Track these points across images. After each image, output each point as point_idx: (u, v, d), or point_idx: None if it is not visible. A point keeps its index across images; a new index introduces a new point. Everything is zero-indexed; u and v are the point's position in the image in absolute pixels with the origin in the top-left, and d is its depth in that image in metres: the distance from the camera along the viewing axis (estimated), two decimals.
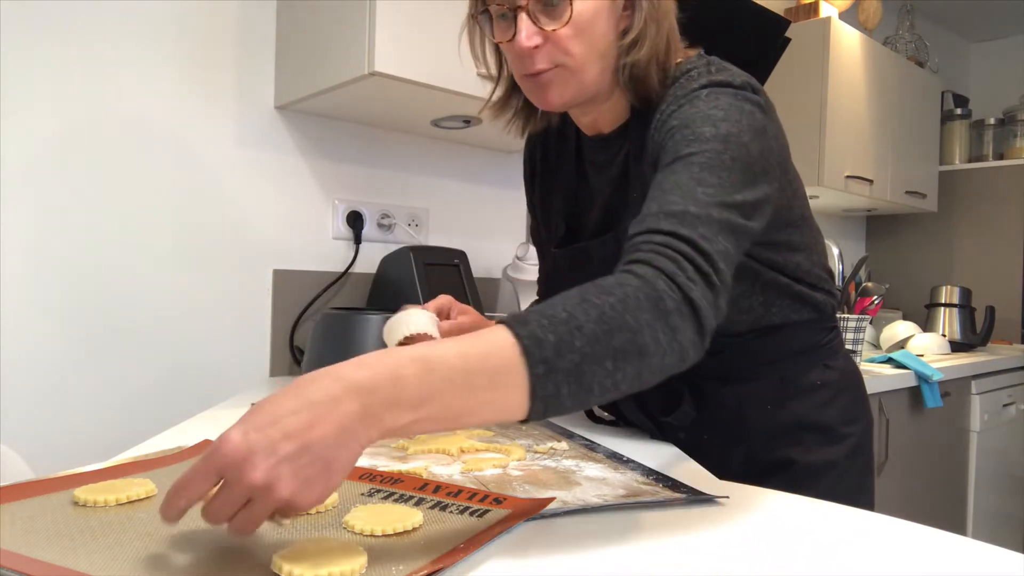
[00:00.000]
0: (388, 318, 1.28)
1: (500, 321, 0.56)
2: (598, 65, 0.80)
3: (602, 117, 0.88)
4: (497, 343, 0.53)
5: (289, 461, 0.46)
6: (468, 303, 1.58)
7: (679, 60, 0.84)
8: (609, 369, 0.56)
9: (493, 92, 0.91)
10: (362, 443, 0.48)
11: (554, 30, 0.77)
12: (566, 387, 0.54)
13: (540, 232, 1.05)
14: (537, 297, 1.15)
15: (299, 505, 0.47)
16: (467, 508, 0.60)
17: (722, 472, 0.82)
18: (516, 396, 0.53)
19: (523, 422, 0.54)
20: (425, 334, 0.84)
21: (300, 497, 0.46)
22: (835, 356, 0.97)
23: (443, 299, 0.96)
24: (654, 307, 0.58)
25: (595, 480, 0.73)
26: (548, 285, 1.01)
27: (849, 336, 2.05)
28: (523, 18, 0.77)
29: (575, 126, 0.95)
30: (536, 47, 0.77)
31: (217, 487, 0.46)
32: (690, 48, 0.86)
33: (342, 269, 1.59)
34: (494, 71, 0.90)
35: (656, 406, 0.94)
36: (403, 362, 0.50)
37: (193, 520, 0.55)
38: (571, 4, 0.76)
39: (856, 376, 0.99)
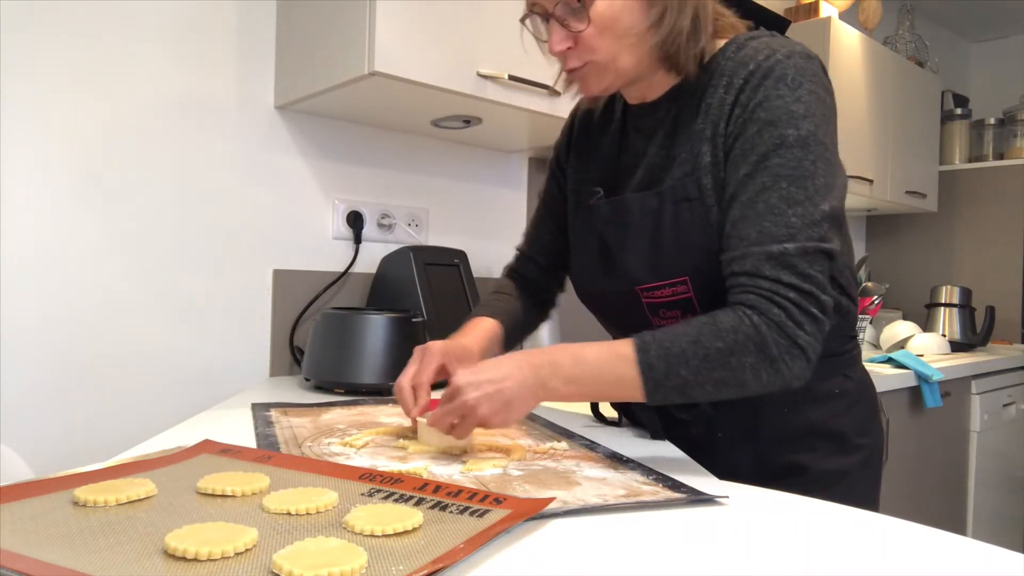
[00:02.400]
0: (393, 317, 1.28)
1: (635, 340, 0.77)
2: (628, 53, 0.84)
3: (649, 88, 0.92)
4: (625, 357, 0.76)
5: (488, 397, 0.76)
6: (468, 303, 1.58)
7: (729, 36, 0.88)
8: (710, 391, 0.76)
9: (561, 71, 0.97)
10: (533, 394, 0.78)
11: (580, 32, 0.83)
12: (673, 395, 0.76)
13: (560, 199, 1.07)
14: (519, 251, 1.15)
15: (490, 424, 0.77)
16: (467, 508, 0.60)
17: (732, 473, 0.82)
18: (636, 394, 0.77)
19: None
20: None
21: (490, 419, 0.77)
22: (853, 366, 0.96)
23: (437, 364, 0.92)
24: (759, 352, 0.74)
25: (595, 480, 0.73)
26: (575, 241, 1.02)
27: None
28: (553, 24, 0.84)
29: (621, 100, 0.99)
30: (567, 48, 0.85)
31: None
32: (735, 17, 0.91)
33: (342, 269, 1.59)
34: None
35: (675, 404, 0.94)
36: (562, 355, 0.78)
37: (193, 520, 0.55)
38: (588, 8, 0.81)
39: (871, 389, 0.99)
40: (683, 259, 0.85)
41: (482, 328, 1.03)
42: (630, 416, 1.04)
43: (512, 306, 1.10)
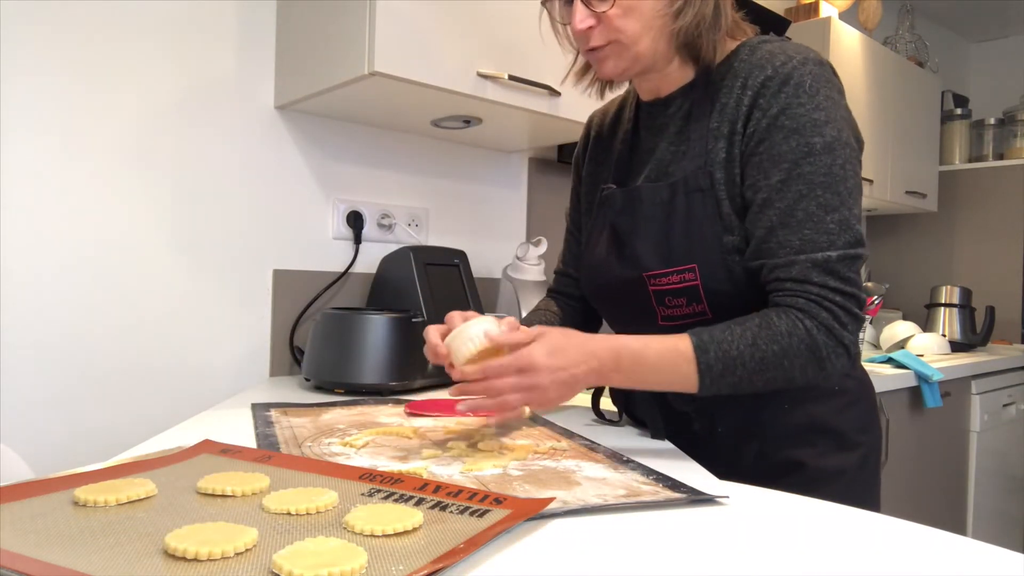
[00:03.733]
0: (393, 317, 1.28)
1: (692, 338, 0.80)
2: (649, 37, 0.87)
3: (663, 82, 0.95)
4: (685, 357, 0.80)
5: (561, 383, 0.79)
6: (468, 303, 1.58)
7: (740, 38, 0.91)
8: (760, 386, 0.82)
9: (574, 63, 1.02)
10: (592, 383, 0.82)
11: (604, 11, 0.86)
12: (725, 390, 0.82)
13: (579, 207, 1.11)
14: (556, 271, 1.19)
15: (549, 405, 0.81)
16: (467, 508, 0.60)
17: (733, 469, 0.84)
18: (689, 389, 0.82)
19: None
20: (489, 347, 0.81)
21: (553, 402, 0.80)
22: (854, 365, 0.97)
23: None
24: (810, 354, 0.80)
25: (595, 480, 0.73)
26: (588, 237, 1.04)
27: None
28: (577, 3, 0.87)
29: (635, 102, 1.02)
30: (590, 27, 0.88)
31: None
32: (745, 20, 0.94)
33: (342, 269, 1.59)
34: (575, 44, 0.98)
35: (676, 394, 0.94)
36: (624, 348, 0.81)
37: (193, 520, 0.55)
38: None
39: (871, 388, 1.00)
40: (693, 247, 0.87)
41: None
42: (631, 413, 1.05)
43: (549, 319, 1.11)
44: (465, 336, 0.81)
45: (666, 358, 0.81)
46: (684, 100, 0.93)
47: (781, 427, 0.92)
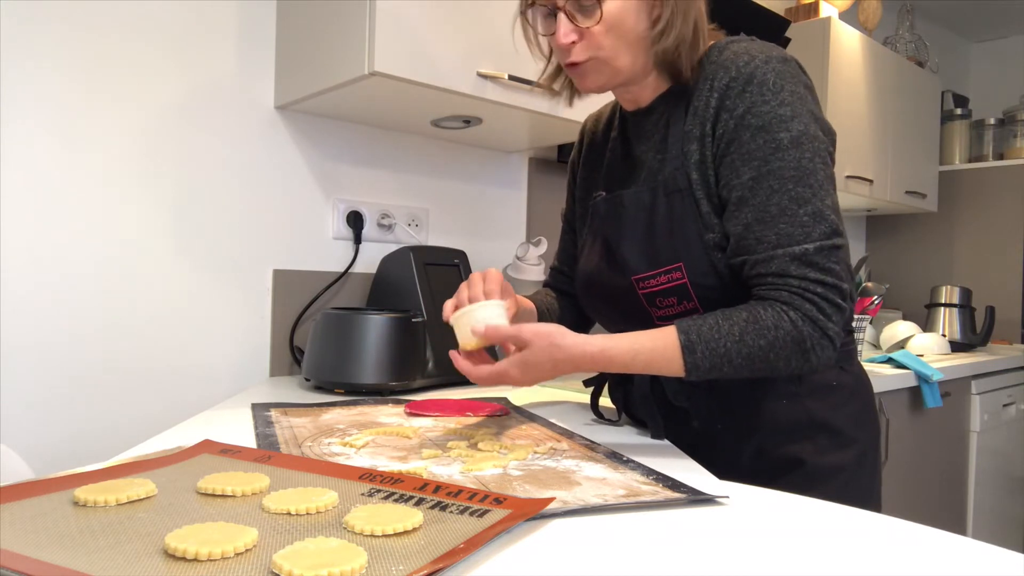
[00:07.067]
0: (393, 317, 1.28)
1: (680, 336, 0.81)
2: (629, 54, 0.89)
3: (642, 93, 0.96)
4: (675, 357, 0.82)
5: (535, 379, 0.86)
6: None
7: (712, 42, 0.93)
8: (745, 376, 0.83)
9: (545, 69, 1.03)
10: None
11: (588, 27, 0.87)
12: (711, 379, 0.83)
13: (575, 210, 1.14)
14: (551, 267, 1.22)
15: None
16: (467, 508, 0.60)
17: (733, 466, 0.85)
18: (677, 376, 0.84)
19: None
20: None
21: (521, 385, 0.87)
22: (850, 360, 0.98)
23: (501, 278, 0.96)
24: (796, 346, 0.81)
25: (595, 480, 0.73)
26: (582, 245, 1.07)
27: None
28: (561, 17, 0.88)
29: (619, 110, 1.04)
30: (573, 42, 0.88)
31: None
32: (718, 31, 0.95)
33: (342, 269, 1.59)
34: (545, 52, 1.01)
35: (673, 388, 0.95)
36: (619, 351, 0.83)
37: (193, 520, 0.55)
38: (601, 4, 0.85)
39: (868, 384, 1.01)
40: (676, 247, 0.89)
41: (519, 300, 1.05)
42: (630, 413, 1.05)
43: (548, 298, 1.15)
44: (470, 319, 0.89)
45: (655, 361, 0.83)
46: (664, 107, 0.95)
47: (780, 423, 0.92)
